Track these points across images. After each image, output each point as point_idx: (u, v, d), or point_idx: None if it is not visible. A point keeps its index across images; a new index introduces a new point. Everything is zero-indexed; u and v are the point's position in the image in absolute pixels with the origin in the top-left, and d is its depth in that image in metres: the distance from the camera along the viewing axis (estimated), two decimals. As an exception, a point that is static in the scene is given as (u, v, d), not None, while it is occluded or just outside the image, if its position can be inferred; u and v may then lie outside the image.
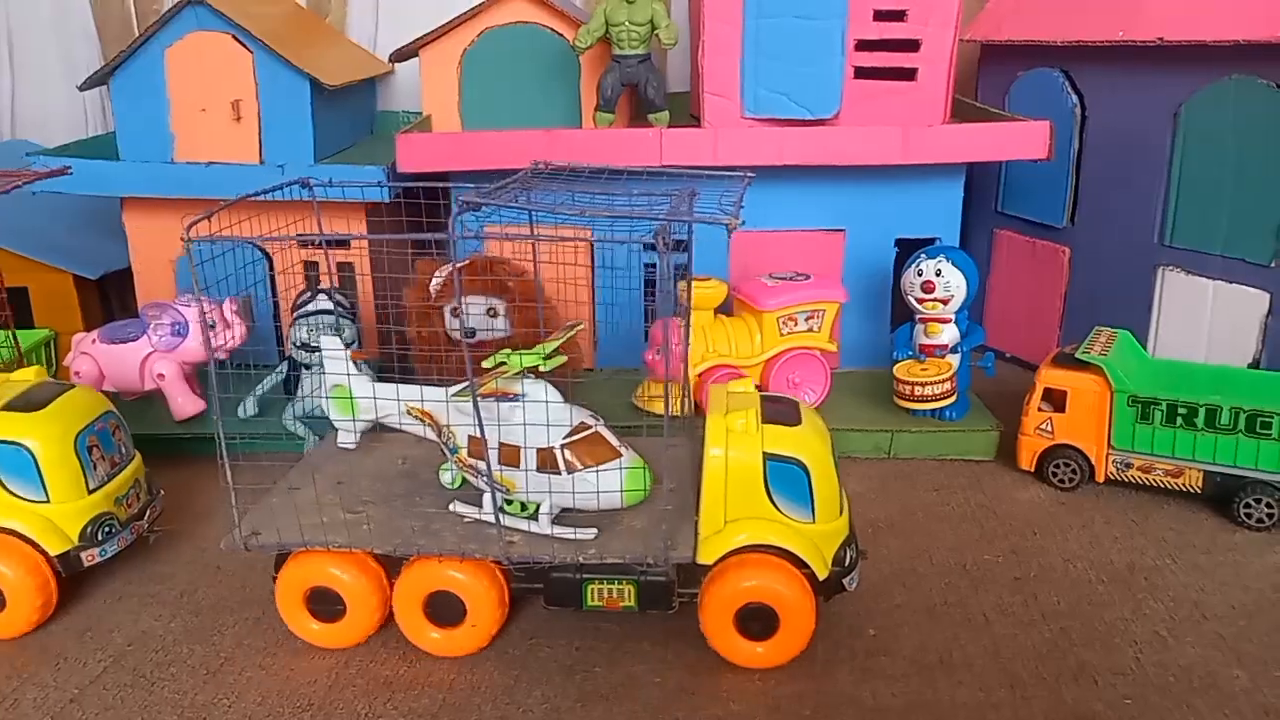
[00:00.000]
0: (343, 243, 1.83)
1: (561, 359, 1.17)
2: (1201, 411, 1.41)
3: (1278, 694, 1.09)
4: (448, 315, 1.61)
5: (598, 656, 1.16)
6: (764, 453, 1.10)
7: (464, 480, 1.22)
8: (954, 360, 1.60)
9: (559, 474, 1.12)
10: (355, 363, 1.24)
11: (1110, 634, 1.19)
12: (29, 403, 1.25)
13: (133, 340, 1.62)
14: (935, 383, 1.59)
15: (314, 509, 1.16)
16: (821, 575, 1.12)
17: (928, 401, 1.61)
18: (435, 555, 1.13)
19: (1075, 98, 1.79)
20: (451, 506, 1.19)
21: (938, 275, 1.57)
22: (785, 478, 1.11)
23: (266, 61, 1.75)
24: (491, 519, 1.14)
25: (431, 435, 1.21)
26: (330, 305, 1.61)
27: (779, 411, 1.16)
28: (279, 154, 1.78)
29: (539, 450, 1.11)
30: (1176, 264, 1.69)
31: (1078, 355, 1.51)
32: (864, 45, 1.69)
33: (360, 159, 1.83)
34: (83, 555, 1.23)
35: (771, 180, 1.74)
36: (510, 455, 1.12)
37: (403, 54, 1.88)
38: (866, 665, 1.14)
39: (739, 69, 1.69)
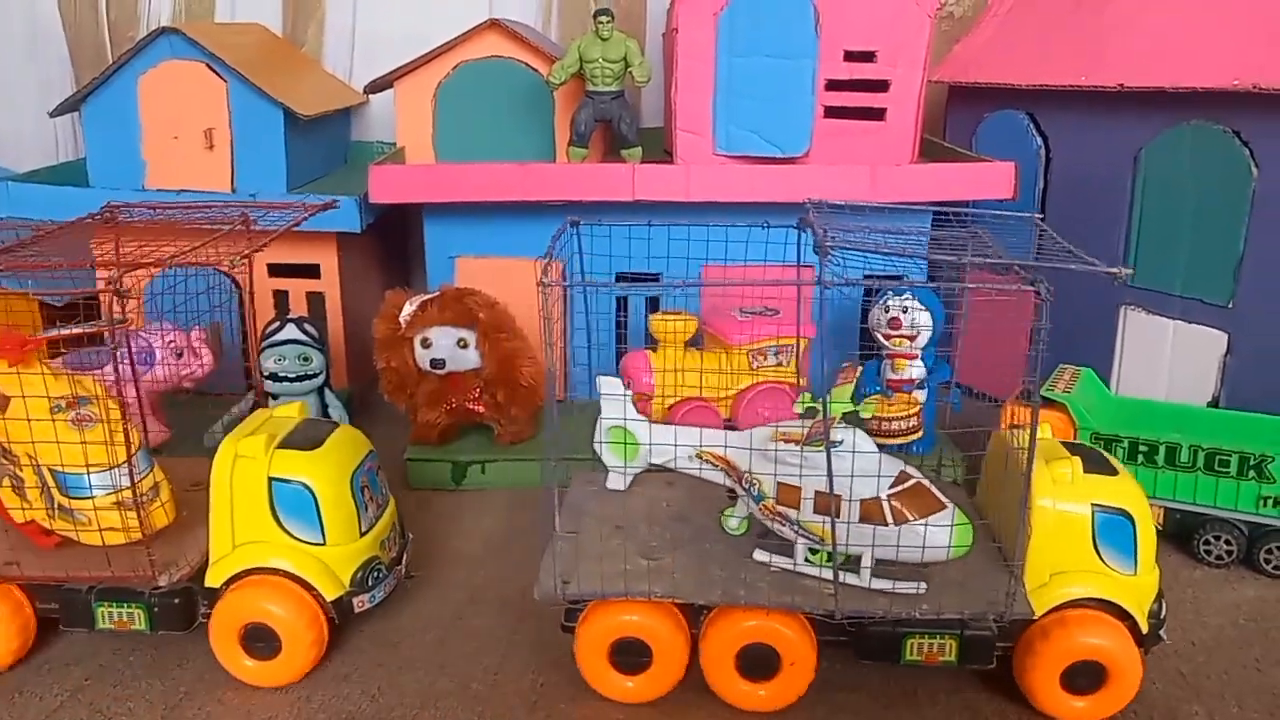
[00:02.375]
0: (312, 271, 1.83)
1: (872, 407, 1.14)
2: (1162, 449, 1.44)
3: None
4: (417, 346, 1.61)
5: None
6: (1092, 504, 1.10)
7: (749, 526, 1.19)
8: (921, 396, 1.62)
9: (883, 525, 1.06)
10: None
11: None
12: (306, 440, 1.19)
13: (98, 368, 1.60)
14: (902, 418, 1.61)
15: (613, 556, 1.13)
16: (1144, 628, 1.10)
17: (895, 436, 1.62)
18: (763, 607, 1.08)
19: (1040, 140, 1.83)
20: (756, 555, 1.14)
21: (904, 312, 1.59)
22: (1112, 529, 1.10)
23: (240, 90, 1.76)
24: (805, 570, 1.10)
25: (718, 479, 1.17)
26: (300, 335, 1.60)
27: (1094, 460, 1.15)
28: (251, 182, 1.79)
29: (863, 501, 1.06)
30: (1138, 304, 1.73)
31: (1042, 393, 1.53)
32: (834, 85, 1.72)
33: (334, 189, 1.83)
34: (354, 601, 1.19)
35: (742, 216, 1.76)
36: (826, 504, 1.07)
37: (377, 85, 1.89)
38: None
39: (711, 106, 1.72)
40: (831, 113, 1.73)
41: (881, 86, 1.72)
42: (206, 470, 1.21)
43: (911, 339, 1.60)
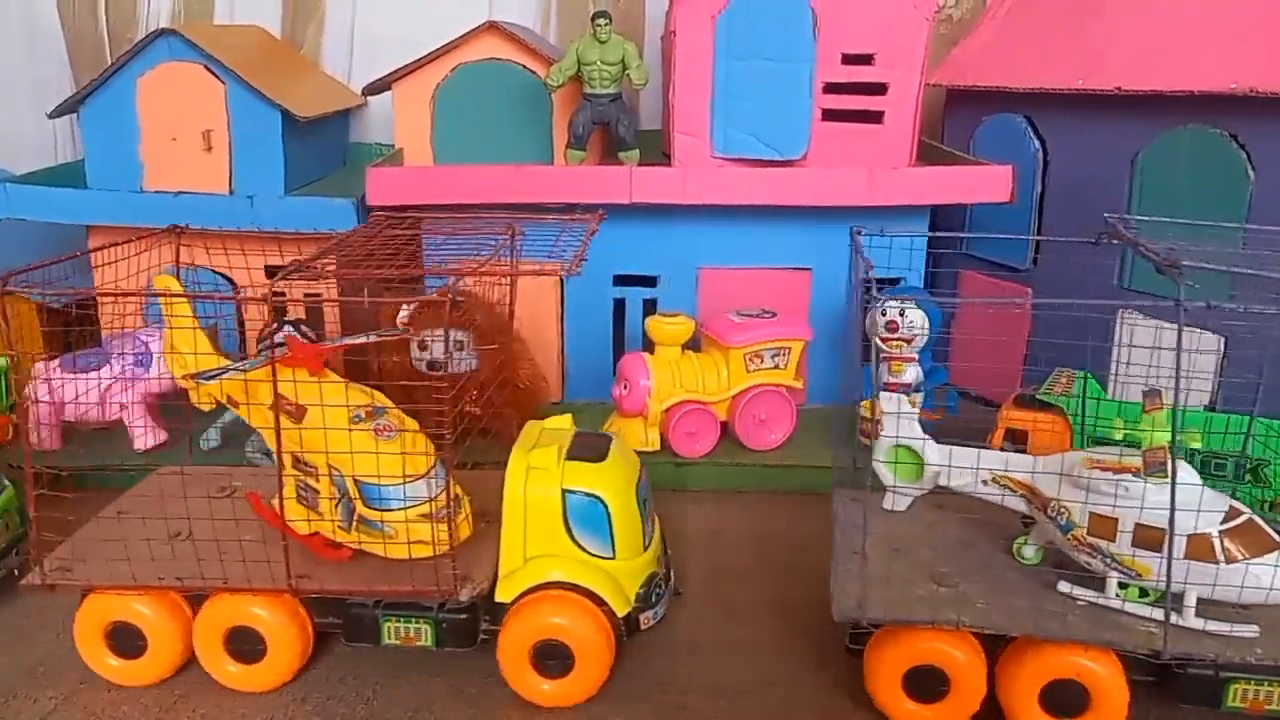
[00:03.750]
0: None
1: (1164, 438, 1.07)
2: (1158, 453, 1.43)
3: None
4: (413, 348, 1.61)
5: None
6: None
7: (1044, 556, 1.14)
8: (918, 399, 1.62)
9: (1213, 563, 1.01)
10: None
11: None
12: (591, 452, 1.17)
13: (94, 370, 1.61)
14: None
15: (901, 580, 1.09)
16: None
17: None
18: (1080, 643, 1.04)
19: (1038, 143, 1.83)
20: (1060, 586, 1.09)
21: (901, 315, 1.59)
22: None
23: (238, 92, 1.76)
24: (1115, 604, 1.06)
25: (1018, 506, 1.13)
26: (298, 338, 1.60)
27: None
28: (249, 184, 1.79)
29: (1191, 536, 1.01)
30: (1134, 307, 1.72)
31: (1039, 396, 1.53)
32: (832, 88, 1.72)
33: (332, 191, 1.84)
34: (640, 617, 1.15)
35: (740, 219, 1.77)
36: (1150, 538, 1.02)
37: (376, 87, 1.89)
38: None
39: (709, 109, 1.72)
40: (829, 116, 1.73)
41: (879, 89, 1.73)
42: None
43: (908, 342, 1.60)
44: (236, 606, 1.13)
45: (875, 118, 1.74)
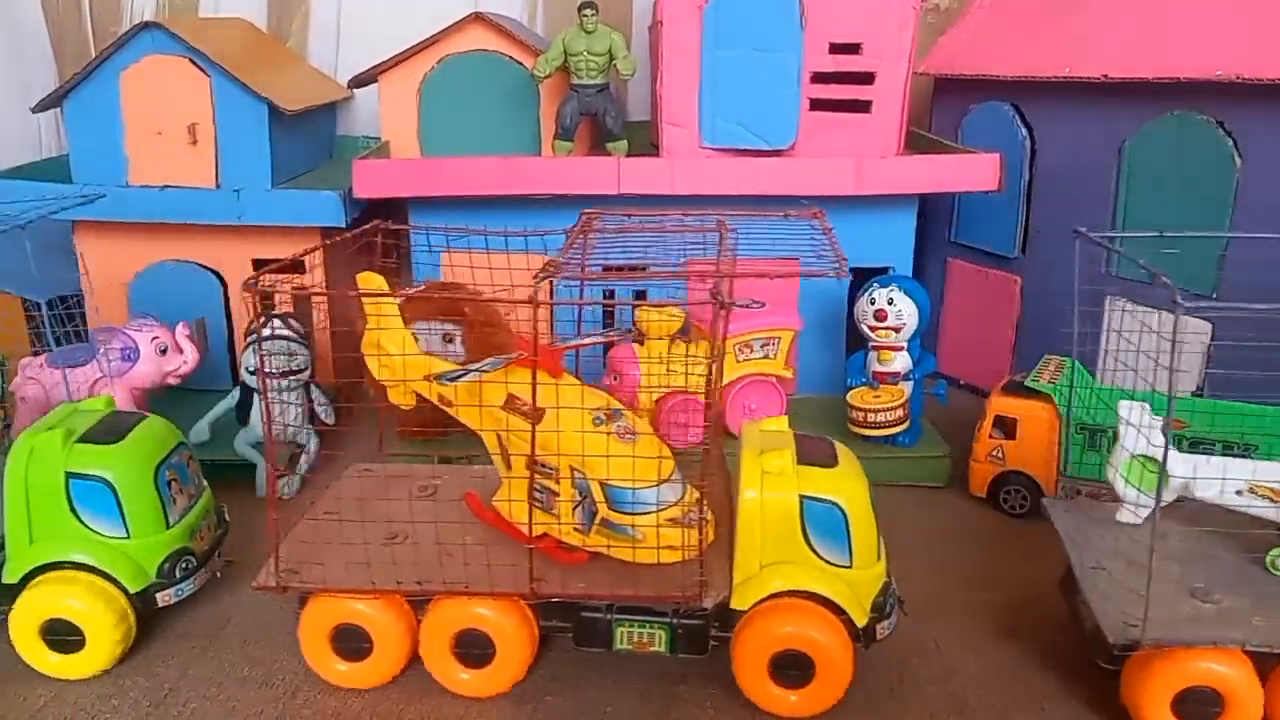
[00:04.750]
0: (298, 267, 1.82)
1: None
2: (1146, 439, 1.44)
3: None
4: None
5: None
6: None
7: None
8: (907, 387, 1.62)
9: None
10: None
11: (1061, 659, 1.21)
12: (824, 457, 1.14)
13: (82, 365, 1.60)
14: (888, 409, 1.61)
15: (1163, 599, 1.04)
16: None
17: (881, 428, 1.63)
18: None
19: (1025, 131, 1.83)
20: None
21: (890, 304, 1.59)
22: None
23: (224, 86, 1.75)
24: None
25: (1272, 516, 1.11)
26: (285, 331, 1.60)
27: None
28: (236, 178, 1.78)
29: None
30: (1123, 294, 1.73)
31: (1027, 383, 1.53)
32: (819, 77, 1.72)
33: (318, 184, 1.83)
34: (876, 628, 1.11)
35: (728, 209, 1.76)
36: None
37: (362, 80, 1.88)
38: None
39: (697, 100, 1.71)
40: (817, 105, 1.73)
41: (867, 79, 1.72)
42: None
43: (897, 330, 1.60)
44: (465, 609, 1.11)
45: (863, 107, 1.74)
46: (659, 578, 1.09)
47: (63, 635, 1.15)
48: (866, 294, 1.63)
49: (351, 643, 1.13)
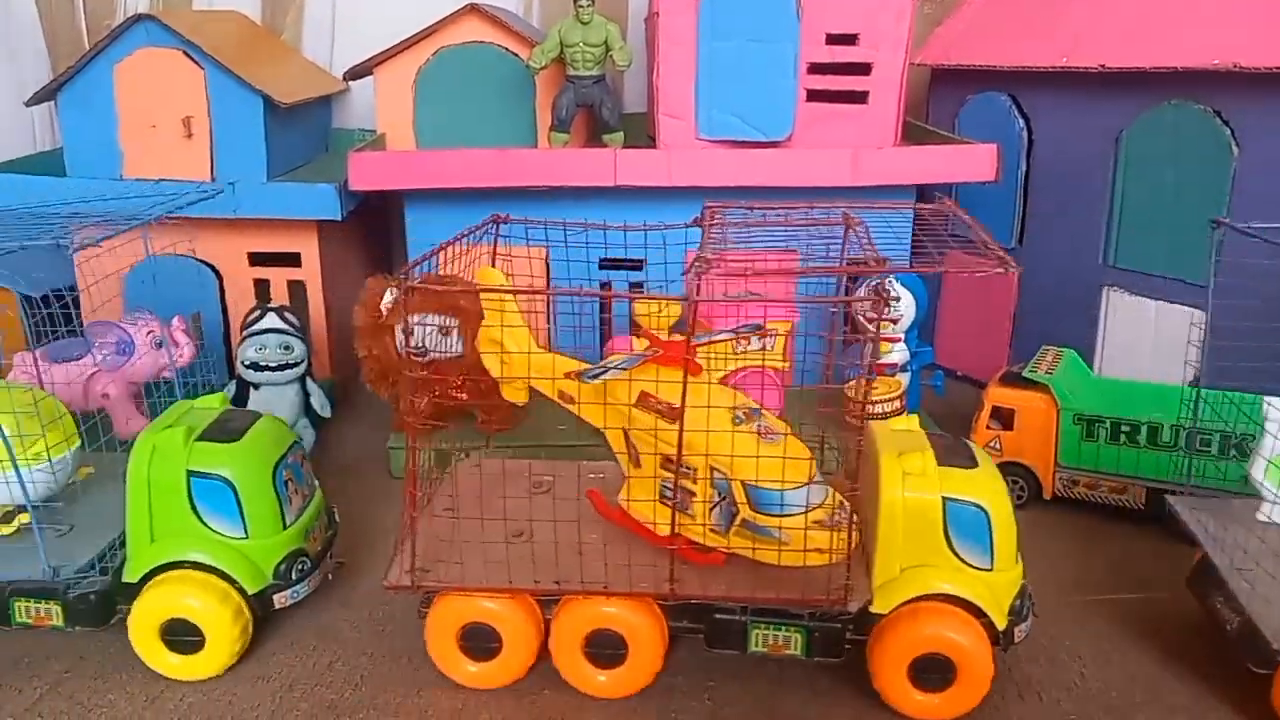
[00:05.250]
0: (293, 260, 1.82)
1: None
2: (1144, 429, 1.44)
3: (1220, 710, 1.11)
4: (399, 334, 1.60)
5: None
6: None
7: None
8: (904, 379, 1.62)
9: None
10: None
11: (1055, 649, 1.21)
12: (962, 459, 1.11)
13: (77, 360, 1.59)
14: (885, 401, 1.61)
15: None
16: None
17: (878, 420, 1.62)
18: None
19: (1022, 121, 1.83)
20: None
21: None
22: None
23: (218, 78, 1.74)
24: None
25: None
26: (281, 324, 1.59)
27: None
28: (231, 171, 1.77)
29: None
30: (1120, 284, 1.73)
31: (1025, 374, 1.53)
32: (816, 68, 1.71)
33: (314, 177, 1.82)
34: (1015, 631, 1.09)
35: (725, 200, 1.76)
36: None
37: (357, 72, 1.87)
38: (816, 687, 1.15)
39: (693, 91, 1.71)
40: (814, 96, 1.72)
41: (863, 69, 1.72)
42: None
43: (894, 323, 1.60)
44: (597, 609, 1.09)
45: (860, 98, 1.73)
46: (795, 580, 1.06)
47: (182, 636, 1.14)
48: (863, 286, 1.63)
49: (480, 642, 1.11)
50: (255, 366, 1.60)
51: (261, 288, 1.83)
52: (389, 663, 1.18)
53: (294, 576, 1.19)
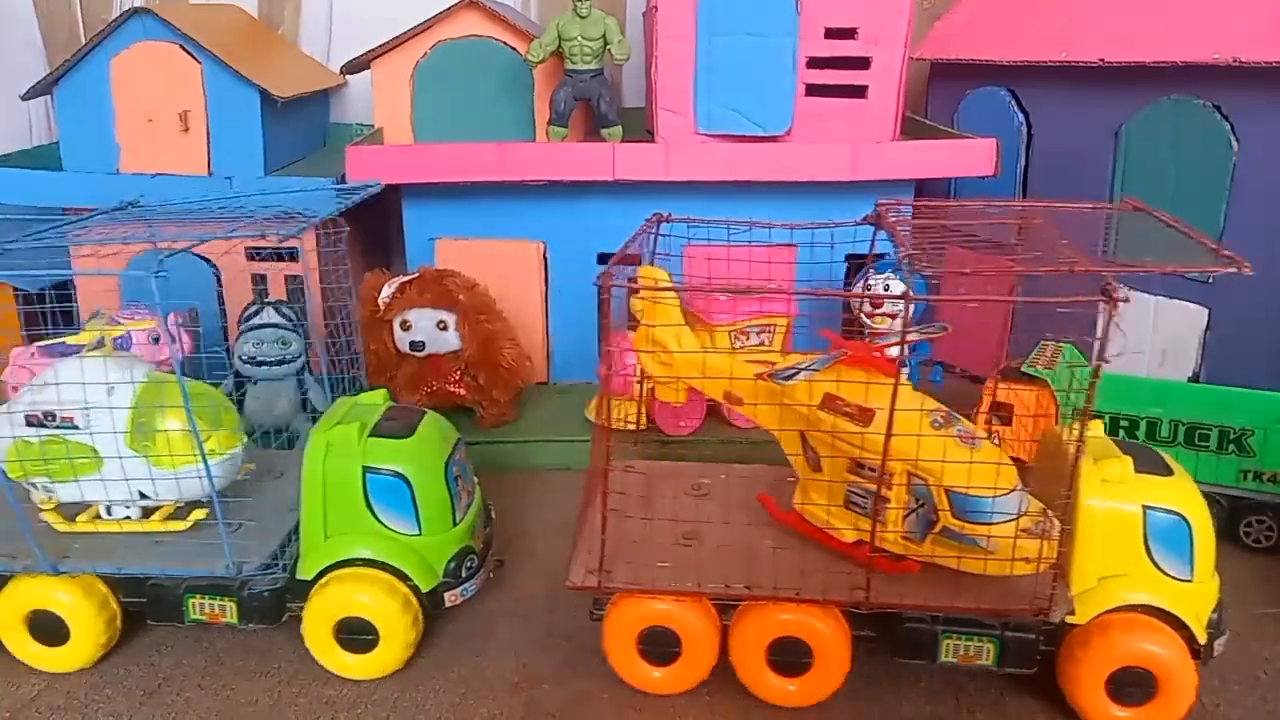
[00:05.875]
0: (292, 255, 1.81)
1: None
2: (1143, 424, 1.44)
3: (1219, 701, 1.11)
4: (396, 328, 1.60)
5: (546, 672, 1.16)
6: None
7: None
8: (903, 374, 1.61)
9: None
10: None
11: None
12: (1156, 465, 1.09)
13: (74, 354, 1.59)
14: (885, 396, 1.60)
15: None
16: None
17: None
18: None
19: (1021, 116, 1.83)
20: None
21: (886, 290, 1.59)
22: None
23: (215, 72, 1.73)
24: None
25: None
26: (278, 319, 1.59)
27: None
28: (228, 165, 1.77)
29: None
30: (1119, 279, 1.72)
31: (1024, 369, 1.53)
32: (815, 62, 1.71)
33: (312, 171, 1.82)
34: (1215, 644, 1.07)
35: (724, 195, 1.76)
36: None
37: (355, 66, 1.87)
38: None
39: (692, 85, 1.70)
40: (813, 90, 1.72)
41: (863, 64, 1.71)
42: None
43: (893, 318, 1.60)
44: (778, 615, 1.07)
45: (859, 92, 1.73)
46: (993, 589, 1.03)
47: (357, 634, 1.12)
48: (862, 280, 1.63)
49: (660, 646, 1.09)
50: (253, 361, 1.59)
51: (258, 283, 1.82)
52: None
53: (463, 574, 1.17)
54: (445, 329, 1.60)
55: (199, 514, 1.20)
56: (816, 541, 1.12)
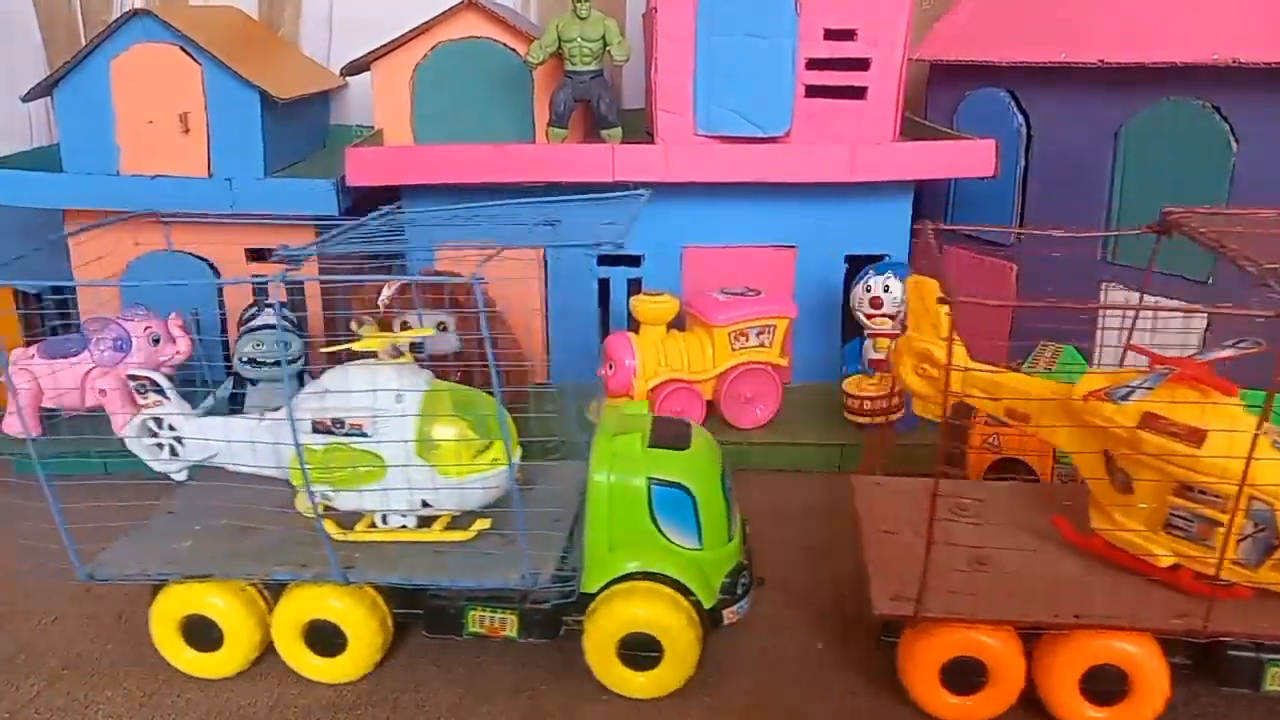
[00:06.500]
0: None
1: None
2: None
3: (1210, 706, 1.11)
4: (396, 329, 1.60)
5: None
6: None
7: None
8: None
9: None
10: None
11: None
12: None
13: (73, 356, 1.59)
14: (884, 397, 1.60)
15: None
16: None
17: (877, 415, 1.62)
18: None
19: (1021, 117, 1.83)
20: None
21: (885, 291, 1.59)
22: None
23: (215, 74, 1.73)
24: None
25: None
26: (278, 320, 1.59)
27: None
28: (228, 167, 1.76)
29: None
30: (1119, 280, 1.73)
31: (1023, 370, 1.53)
32: (815, 64, 1.71)
33: (312, 173, 1.82)
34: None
35: (723, 197, 1.76)
36: None
37: (355, 67, 1.87)
38: (816, 679, 1.15)
39: (692, 86, 1.71)
40: (812, 91, 1.72)
41: (862, 65, 1.72)
42: None
43: (893, 318, 1.60)
44: (1091, 644, 1.03)
45: (858, 93, 1.73)
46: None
47: (641, 650, 1.09)
48: (862, 281, 1.63)
49: (963, 676, 1.06)
50: (253, 363, 1.59)
51: (259, 285, 1.82)
52: (386, 660, 1.17)
53: (738, 590, 1.13)
54: (444, 330, 1.60)
55: (482, 523, 1.16)
56: (1120, 566, 1.08)
